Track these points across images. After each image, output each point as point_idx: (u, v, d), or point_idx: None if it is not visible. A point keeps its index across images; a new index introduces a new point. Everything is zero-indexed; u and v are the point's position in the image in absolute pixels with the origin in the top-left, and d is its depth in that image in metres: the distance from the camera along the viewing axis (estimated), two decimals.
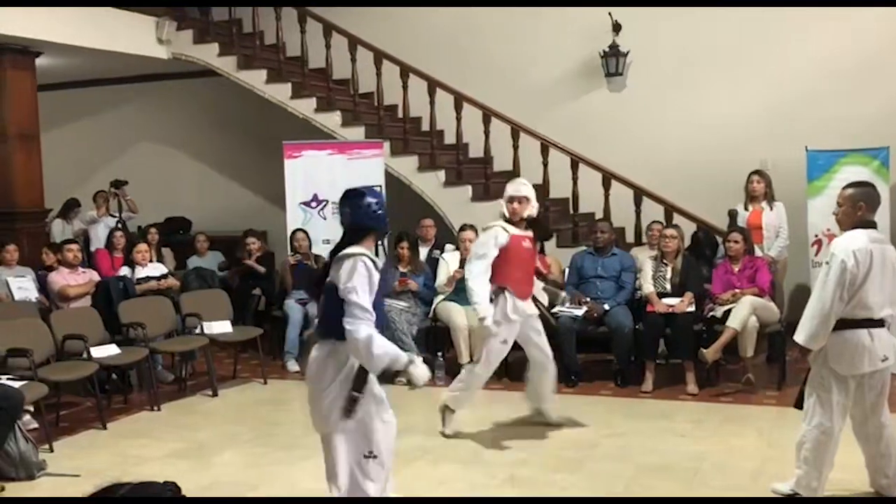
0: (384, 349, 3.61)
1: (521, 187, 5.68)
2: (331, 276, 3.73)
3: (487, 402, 6.88)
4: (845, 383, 4.17)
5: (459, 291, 7.46)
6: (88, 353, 6.37)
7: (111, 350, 6.60)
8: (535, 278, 5.92)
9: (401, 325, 7.25)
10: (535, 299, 5.87)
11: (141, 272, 7.71)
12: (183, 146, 11.45)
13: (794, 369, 6.42)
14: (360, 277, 3.61)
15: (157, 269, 7.91)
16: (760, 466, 5.07)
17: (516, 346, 5.87)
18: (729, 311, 6.64)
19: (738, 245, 6.96)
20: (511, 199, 5.65)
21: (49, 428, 5.86)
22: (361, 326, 3.56)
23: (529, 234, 5.72)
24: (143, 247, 7.91)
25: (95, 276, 7.59)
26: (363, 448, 3.75)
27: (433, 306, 7.54)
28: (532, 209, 5.67)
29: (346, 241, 3.78)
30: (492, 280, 5.53)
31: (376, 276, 3.68)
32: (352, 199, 3.82)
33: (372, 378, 3.75)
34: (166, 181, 11.19)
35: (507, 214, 5.67)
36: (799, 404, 4.36)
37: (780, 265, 7.58)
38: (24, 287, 7.48)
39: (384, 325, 4.58)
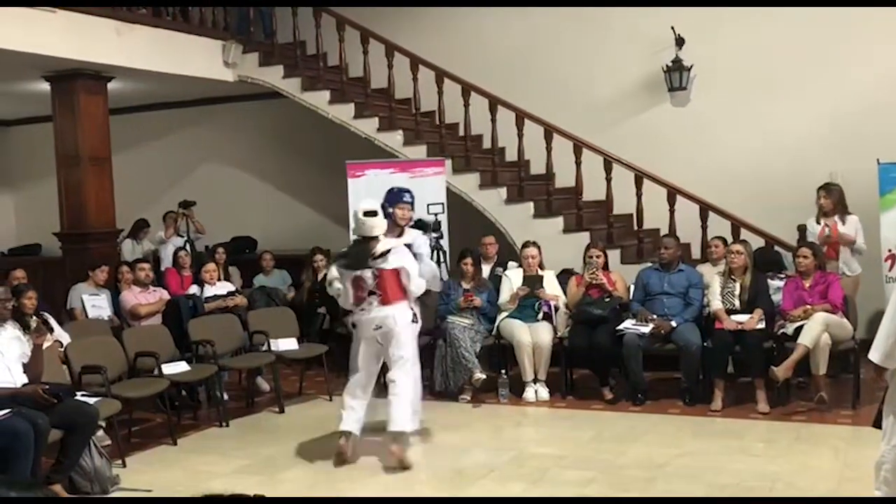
0: None
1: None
2: None
3: (551, 419, 6.84)
4: None
5: (523, 309, 7.44)
6: (160, 369, 6.49)
7: (181, 367, 6.72)
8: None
9: (464, 343, 7.20)
10: None
11: (209, 291, 7.85)
12: (248, 167, 11.66)
13: (868, 387, 6.24)
14: None
15: (224, 287, 8.04)
16: (836, 488, 4.93)
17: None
18: (800, 327, 6.48)
19: (808, 260, 6.80)
20: None
21: (122, 443, 5.98)
22: None
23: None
24: (211, 266, 8.04)
25: (166, 295, 7.74)
26: None
27: (496, 324, 7.51)
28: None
29: None
30: None
31: None
32: None
33: None
34: (232, 201, 11.39)
35: None
36: (877, 423, 4.22)
37: (853, 280, 7.38)
38: (97, 305, 7.67)
39: None
